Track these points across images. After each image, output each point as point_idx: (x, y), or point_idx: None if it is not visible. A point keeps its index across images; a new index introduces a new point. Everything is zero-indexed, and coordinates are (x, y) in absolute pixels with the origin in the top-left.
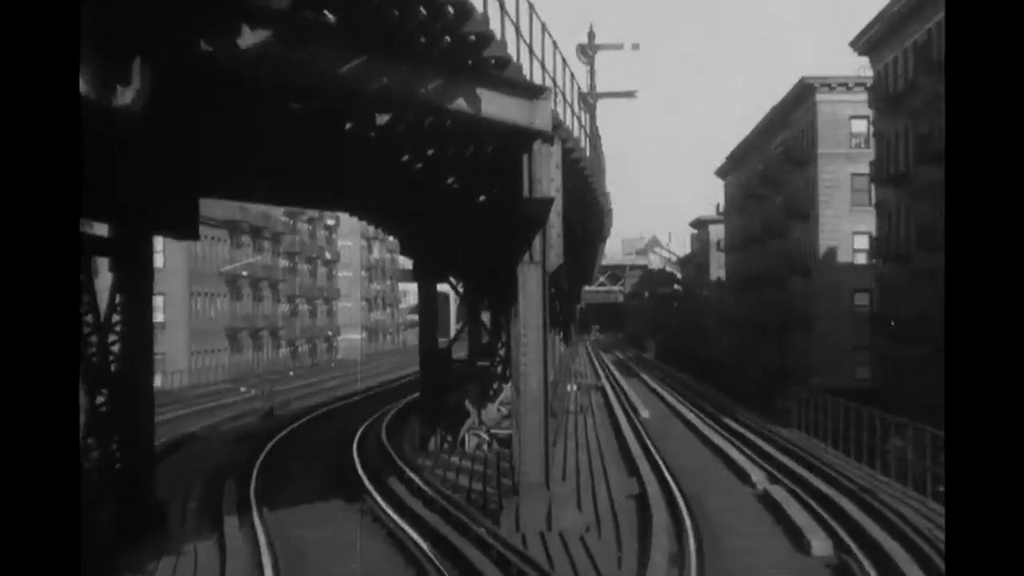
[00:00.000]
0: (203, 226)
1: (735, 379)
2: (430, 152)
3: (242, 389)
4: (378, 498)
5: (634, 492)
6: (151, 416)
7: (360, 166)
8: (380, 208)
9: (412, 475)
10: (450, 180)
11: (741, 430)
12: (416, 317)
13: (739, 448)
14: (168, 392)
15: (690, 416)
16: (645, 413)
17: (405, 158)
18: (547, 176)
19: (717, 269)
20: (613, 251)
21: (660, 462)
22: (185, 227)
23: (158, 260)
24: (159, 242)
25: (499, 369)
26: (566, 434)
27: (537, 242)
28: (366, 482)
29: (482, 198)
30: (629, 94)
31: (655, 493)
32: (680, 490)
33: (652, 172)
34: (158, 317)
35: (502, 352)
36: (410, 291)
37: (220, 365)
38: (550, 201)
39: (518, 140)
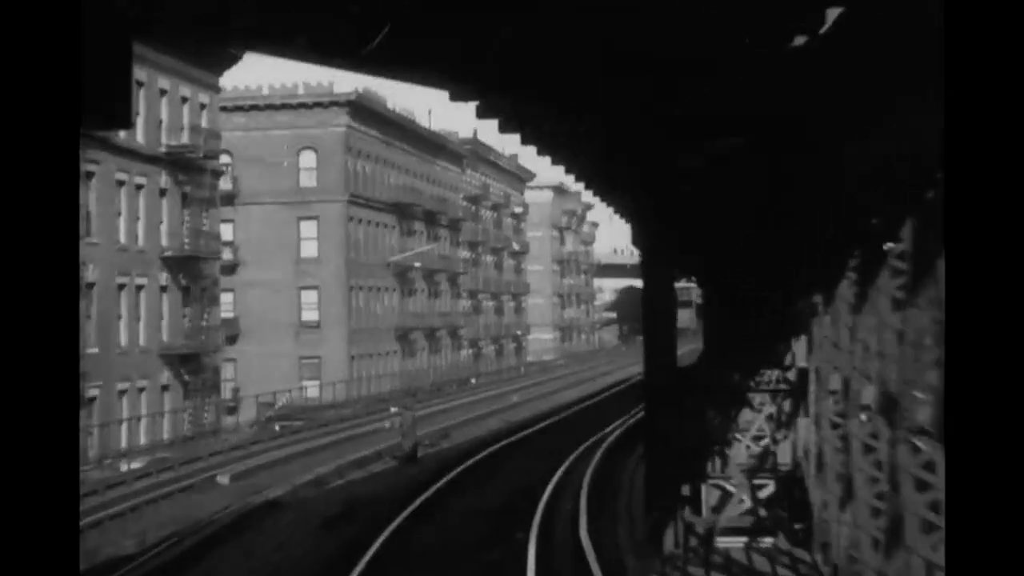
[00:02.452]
0: (366, 208)
1: None
2: None
3: (392, 410)
4: None
5: None
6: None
7: None
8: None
9: None
10: None
11: None
12: (612, 315)
13: None
14: (305, 409)
15: None
16: None
17: None
18: None
19: None
20: None
21: None
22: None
23: (310, 249)
24: (311, 227)
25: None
26: None
27: None
28: None
29: None
30: None
31: None
32: None
33: None
34: (310, 315)
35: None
36: (605, 287)
37: (388, 372)
38: None
39: None
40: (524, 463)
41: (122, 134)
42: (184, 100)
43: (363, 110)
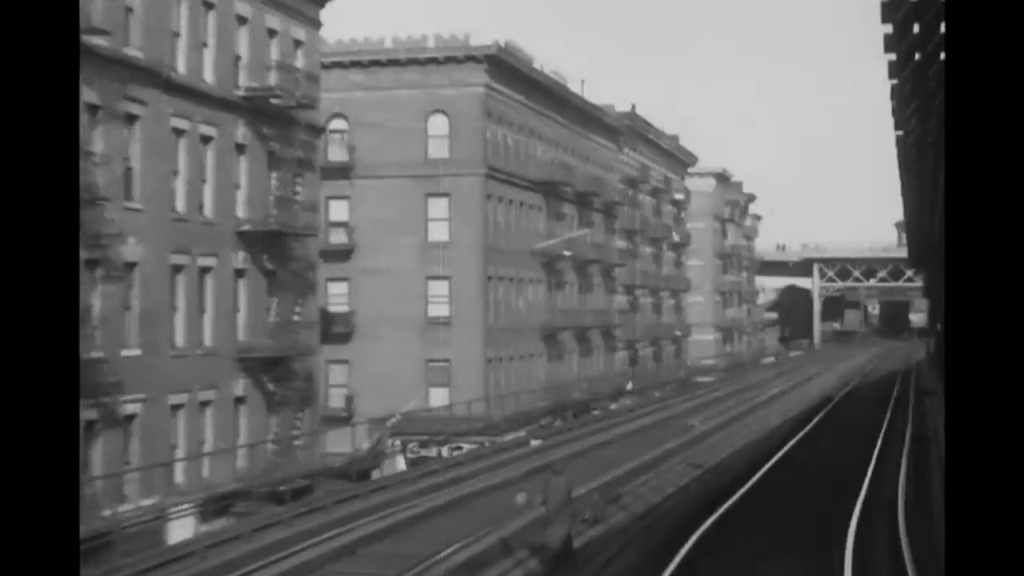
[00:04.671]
0: (508, 185)
1: None
2: None
3: (519, 497)
4: None
5: None
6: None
7: None
8: None
9: None
10: None
11: None
12: (774, 316)
13: None
14: (419, 420)
15: None
16: None
17: None
18: None
19: None
20: None
21: None
22: None
23: (440, 232)
24: (441, 206)
25: None
26: None
27: None
28: None
29: None
30: None
31: None
32: None
33: None
34: (439, 310)
35: None
36: (767, 285)
37: (532, 377)
38: None
39: None
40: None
41: (183, 69)
42: (272, 33)
43: (505, 68)
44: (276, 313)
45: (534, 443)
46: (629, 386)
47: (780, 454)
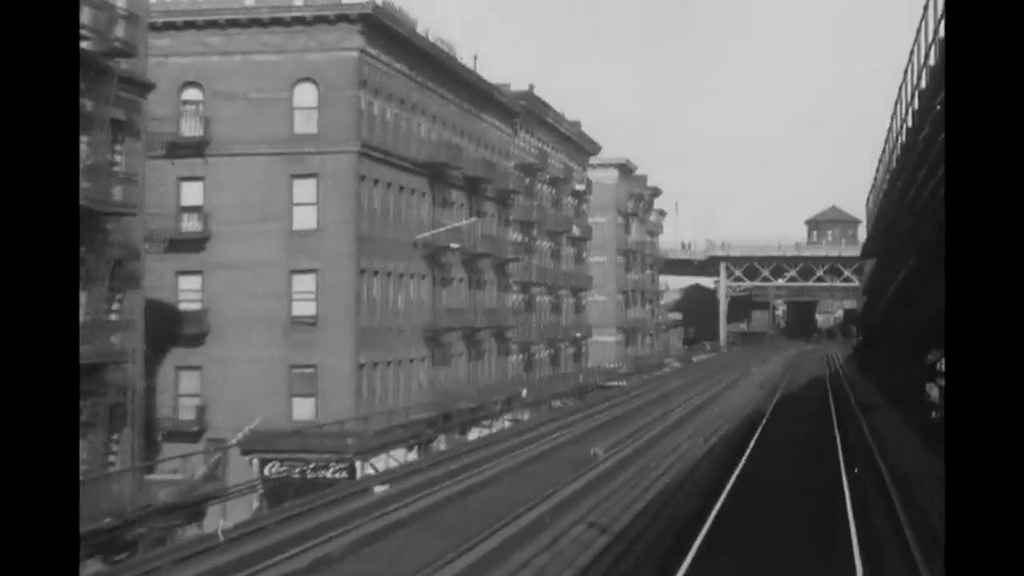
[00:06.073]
0: (387, 166)
1: None
2: None
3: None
4: None
5: None
6: None
7: None
8: None
9: None
10: None
11: None
12: (677, 316)
13: None
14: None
15: None
16: None
17: None
18: None
19: None
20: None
21: None
22: None
23: (307, 218)
24: (308, 188)
25: None
26: None
27: None
28: None
29: None
30: None
31: None
32: None
33: None
34: (305, 308)
35: None
36: (671, 284)
37: (414, 384)
38: None
39: None
40: None
41: None
42: None
43: (384, 31)
44: (86, 311)
45: (379, 490)
46: (524, 393)
47: (718, 506)
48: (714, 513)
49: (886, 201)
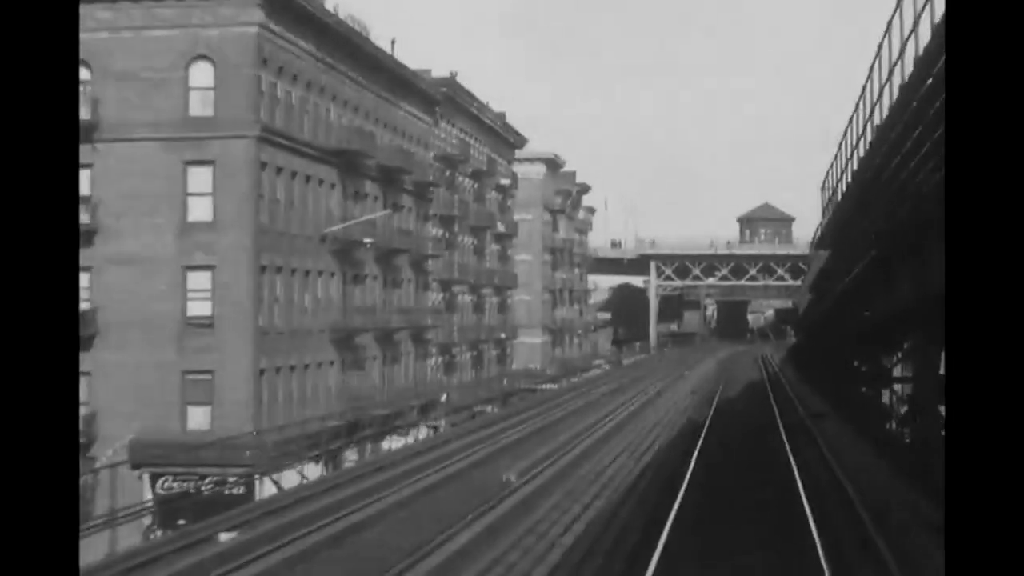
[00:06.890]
0: (291, 153)
1: None
2: None
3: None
4: None
5: None
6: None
7: None
8: None
9: None
10: None
11: None
12: (607, 316)
13: None
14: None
15: None
16: None
17: None
18: None
19: None
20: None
21: None
22: None
23: (203, 209)
24: (204, 176)
25: None
26: None
27: None
28: None
29: None
30: None
31: None
32: None
33: None
34: (200, 308)
35: None
36: (600, 284)
37: (321, 390)
38: None
39: None
40: None
41: None
42: None
43: (287, 5)
44: None
45: (223, 538)
46: (444, 398)
47: (660, 547)
48: (656, 556)
49: (855, 188)
